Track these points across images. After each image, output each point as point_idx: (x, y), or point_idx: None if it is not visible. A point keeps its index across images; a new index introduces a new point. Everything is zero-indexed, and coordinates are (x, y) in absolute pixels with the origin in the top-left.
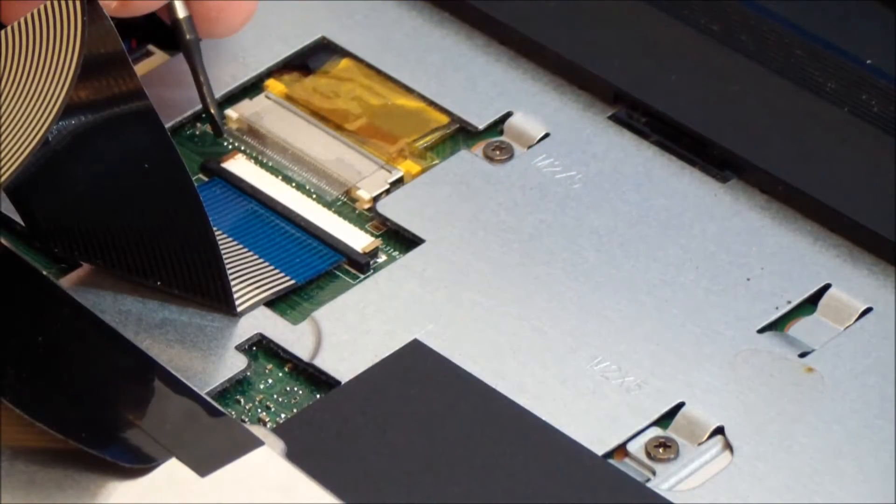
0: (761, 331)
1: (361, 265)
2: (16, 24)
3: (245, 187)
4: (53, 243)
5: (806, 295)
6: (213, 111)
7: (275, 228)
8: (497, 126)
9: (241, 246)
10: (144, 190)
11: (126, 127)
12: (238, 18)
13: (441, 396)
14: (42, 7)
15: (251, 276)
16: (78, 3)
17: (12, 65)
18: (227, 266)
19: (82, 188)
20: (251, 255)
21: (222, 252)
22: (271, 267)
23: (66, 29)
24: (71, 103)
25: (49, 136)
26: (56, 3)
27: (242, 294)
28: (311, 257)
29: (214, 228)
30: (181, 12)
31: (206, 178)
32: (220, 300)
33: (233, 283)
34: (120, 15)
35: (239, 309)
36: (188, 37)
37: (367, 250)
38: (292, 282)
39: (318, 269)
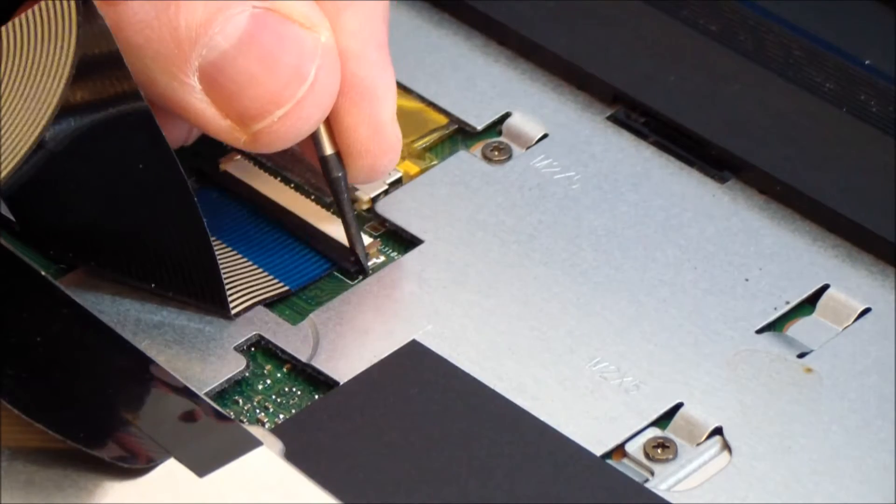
0: (760, 331)
1: (351, 273)
2: (10, 24)
3: (242, 189)
4: (48, 246)
5: (804, 295)
6: (358, 251)
7: (268, 235)
8: (496, 126)
9: (234, 252)
10: (140, 192)
11: (121, 129)
12: (382, 165)
13: (440, 397)
14: (36, 7)
15: (244, 283)
16: (73, 3)
17: (6, 65)
18: (221, 271)
19: (77, 191)
20: (244, 262)
21: (216, 256)
22: (264, 273)
23: (60, 29)
24: (66, 105)
25: (44, 137)
26: (50, 3)
27: (236, 298)
28: (304, 264)
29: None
30: (328, 150)
31: (199, 185)
32: (215, 302)
33: (227, 288)
34: (250, 149)
35: (233, 312)
36: (334, 174)
37: (365, 251)
38: (286, 288)
39: (311, 276)
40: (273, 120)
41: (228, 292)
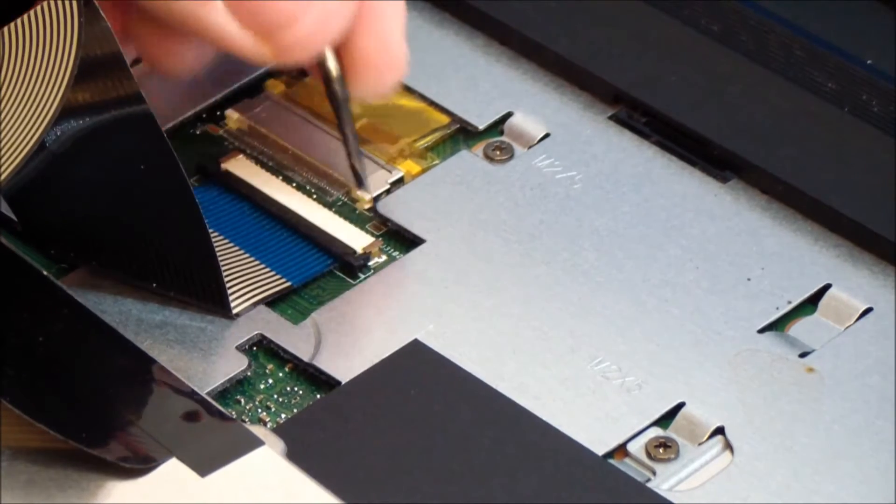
0: (761, 331)
1: (354, 268)
2: (12, 24)
3: (244, 188)
4: (50, 246)
5: (806, 295)
6: (356, 167)
7: (270, 231)
8: (497, 126)
9: (236, 248)
10: (141, 193)
11: (123, 130)
12: (388, 80)
13: (441, 397)
14: (39, 8)
15: (247, 278)
16: (75, 4)
17: (9, 66)
18: (223, 268)
19: (78, 191)
20: (246, 257)
21: (217, 254)
22: (267, 269)
23: (62, 30)
24: (67, 105)
25: (45, 138)
26: (53, 4)
27: (238, 296)
28: (306, 259)
29: (210, 231)
30: (334, 70)
31: (201, 182)
32: (216, 303)
33: (228, 284)
34: (273, 65)
35: (234, 311)
36: (337, 91)
37: (366, 251)
38: (288, 283)
39: (313, 272)
40: (299, 28)
41: (230, 290)
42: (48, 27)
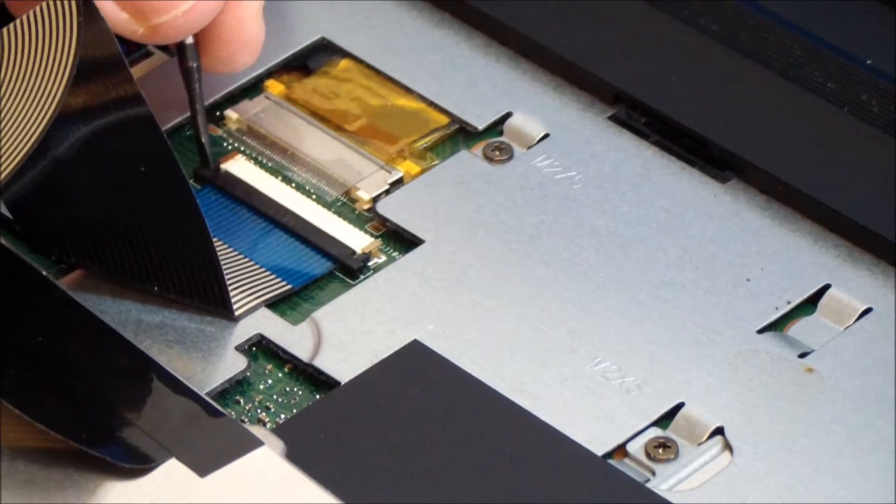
0: (761, 331)
1: (353, 270)
2: (11, 25)
3: (243, 189)
4: (50, 249)
5: (806, 295)
6: (203, 140)
7: (269, 234)
8: (497, 126)
9: (236, 252)
10: (141, 194)
11: (122, 131)
12: (241, 57)
13: (441, 397)
14: (38, 8)
15: (247, 282)
16: (74, 4)
17: (8, 66)
18: (224, 271)
19: (78, 193)
20: (246, 261)
21: (218, 257)
22: (267, 272)
23: (61, 30)
24: (66, 106)
25: (45, 139)
26: (52, 4)
27: (239, 299)
28: (306, 262)
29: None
30: (188, 38)
31: (199, 186)
32: (217, 305)
33: (229, 288)
34: (146, 41)
35: (237, 314)
36: (190, 63)
37: (366, 251)
38: (288, 286)
39: (313, 274)
40: (177, 14)
41: (231, 293)
42: (47, 27)
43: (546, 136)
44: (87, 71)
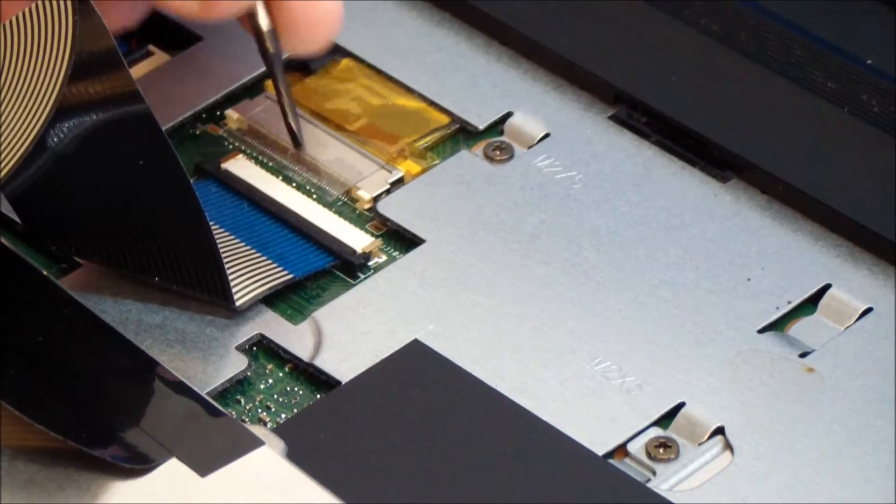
0: (761, 331)
1: (354, 267)
2: (7, 22)
3: (244, 188)
4: (50, 241)
5: (806, 295)
6: (293, 125)
7: (270, 228)
8: (497, 126)
9: (238, 241)
10: (140, 188)
11: (121, 124)
12: (322, 32)
13: (441, 396)
14: (33, 5)
15: (249, 271)
16: (69, 1)
17: (4, 63)
18: (225, 262)
19: (78, 187)
20: (248, 250)
21: (220, 247)
22: (269, 261)
23: (57, 26)
24: (64, 101)
25: (44, 134)
26: (47, 1)
27: (241, 289)
28: (308, 255)
29: (212, 224)
30: (265, 25)
31: (201, 179)
32: (218, 295)
33: (230, 278)
34: (202, 19)
35: (238, 303)
36: (270, 49)
37: (366, 250)
38: (290, 276)
39: (315, 266)
40: None
41: (232, 282)
42: (43, 23)
43: (546, 135)
44: (83, 66)
